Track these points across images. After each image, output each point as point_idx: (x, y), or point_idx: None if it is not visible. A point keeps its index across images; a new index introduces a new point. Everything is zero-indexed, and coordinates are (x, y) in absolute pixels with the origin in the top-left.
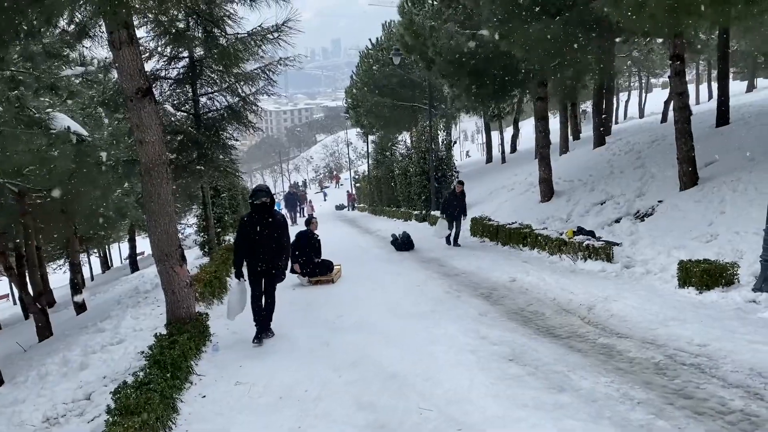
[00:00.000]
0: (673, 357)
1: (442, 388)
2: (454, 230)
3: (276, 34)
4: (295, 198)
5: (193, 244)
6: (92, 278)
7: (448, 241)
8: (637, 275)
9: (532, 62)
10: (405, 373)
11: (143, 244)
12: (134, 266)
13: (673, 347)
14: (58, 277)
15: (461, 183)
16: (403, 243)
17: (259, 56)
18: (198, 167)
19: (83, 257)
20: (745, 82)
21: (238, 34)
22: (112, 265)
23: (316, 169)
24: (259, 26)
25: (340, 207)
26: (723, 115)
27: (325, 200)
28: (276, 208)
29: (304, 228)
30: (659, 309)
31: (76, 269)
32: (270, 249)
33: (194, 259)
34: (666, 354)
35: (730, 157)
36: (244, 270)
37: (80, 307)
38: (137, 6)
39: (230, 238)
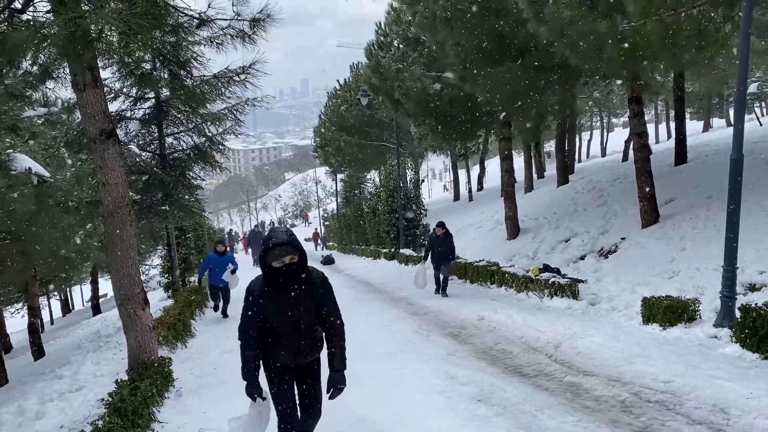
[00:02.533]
0: (638, 394)
1: (411, 431)
2: (441, 277)
3: (243, 76)
4: (260, 237)
5: (157, 285)
6: (52, 322)
7: (437, 291)
8: (602, 312)
9: (495, 104)
10: (374, 416)
11: (106, 286)
12: (96, 309)
13: (639, 384)
14: (15, 321)
15: (441, 225)
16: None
17: (226, 97)
18: (163, 207)
19: (43, 300)
20: (702, 122)
21: (204, 76)
22: (73, 308)
23: (285, 207)
24: (226, 68)
25: (327, 260)
26: (681, 154)
27: None
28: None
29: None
30: (624, 346)
31: (34, 313)
32: (309, 331)
33: (158, 301)
34: (632, 391)
35: (689, 194)
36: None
37: (38, 353)
38: (102, 48)
39: (194, 279)
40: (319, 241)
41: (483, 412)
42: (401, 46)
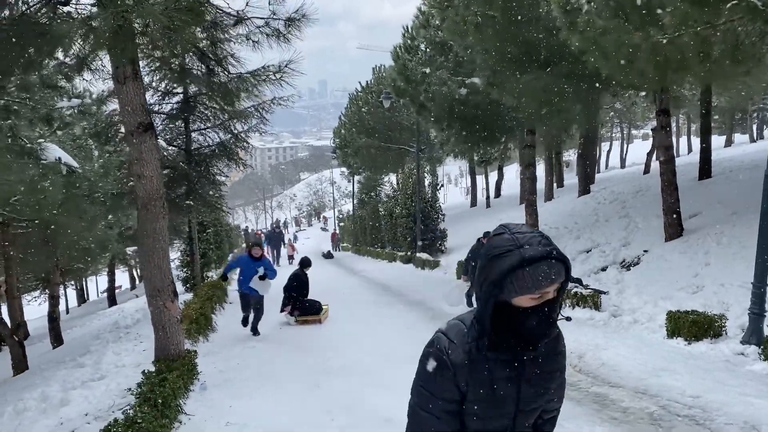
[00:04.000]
0: (666, 408)
1: None
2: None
3: (279, 75)
4: (280, 237)
5: (175, 279)
6: (67, 311)
7: (470, 303)
8: (625, 324)
9: (521, 111)
10: (401, 419)
11: (122, 277)
12: (112, 300)
13: (666, 398)
14: (31, 309)
15: (489, 235)
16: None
17: (254, 95)
18: (187, 202)
19: (60, 289)
20: (724, 137)
21: (241, 73)
22: (88, 298)
23: (300, 207)
24: (263, 66)
25: (328, 255)
26: (705, 169)
27: (294, 242)
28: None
29: (295, 268)
30: (649, 359)
31: (55, 301)
32: None
33: None
34: (659, 404)
35: (713, 209)
36: None
37: (56, 341)
38: (145, 43)
39: (213, 274)
40: (336, 241)
41: None
42: (428, 49)
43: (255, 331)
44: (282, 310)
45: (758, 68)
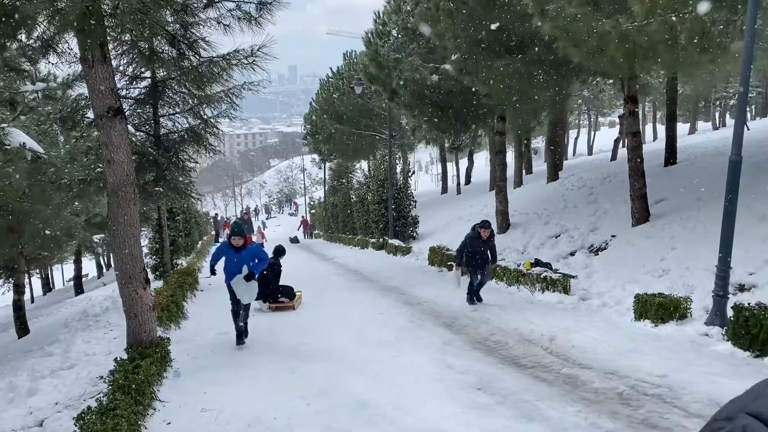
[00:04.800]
0: (635, 387)
1: (413, 417)
2: (476, 282)
3: (251, 59)
4: (249, 224)
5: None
6: (32, 300)
7: (471, 301)
8: (593, 307)
9: (493, 97)
10: (375, 402)
11: (89, 265)
12: (79, 289)
13: (635, 378)
14: None
15: (488, 225)
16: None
17: (225, 80)
18: (156, 189)
19: (25, 278)
20: (688, 125)
21: (213, 57)
22: (54, 287)
23: (270, 194)
24: (235, 50)
25: (294, 240)
26: (671, 155)
27: (263, 229)
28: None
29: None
30: (618, 341)
31: (19, 290)
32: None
33: None
34: (628, 384)
35: (679, 195)
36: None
37: (22, 330)
38: (114, 29)
39: (183, 261)
40: (307, 229)
41: (484, 401)
42: (400, 35)
43: (241, 337)
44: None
45: (724, 56)
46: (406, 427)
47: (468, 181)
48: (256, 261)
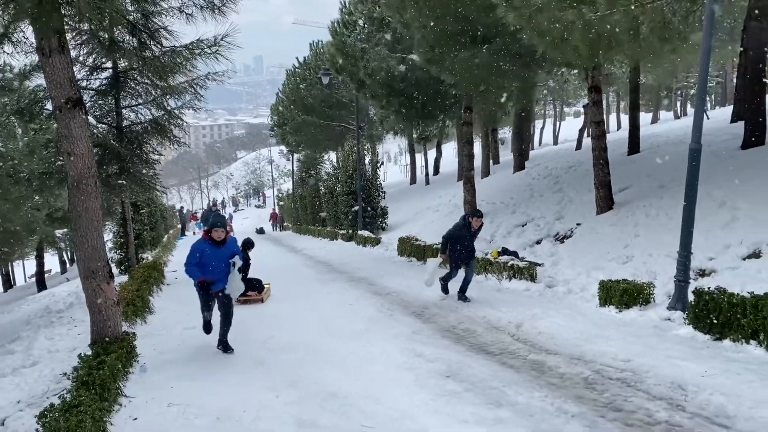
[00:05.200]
0: (600, 372)
1: (383, 406)
2: (464, 276)
3: (214, 48)
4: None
5: (109, 261)
6: None
7: (445, 290)
8: (559, 294)
9: (459, 88)
10: (345, 391)
11: (51, 261)
12: (41, 285)
13: (600, 363)
14: None
15: (480, 215)
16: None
17: (188, 70)
18: (119, 181)
19: None
20: (650, 114)
21: (174, 47)
22: (15, 283)
23: (237, 186)
24: (198, 39)
25: (260, 231)
26: (634, 144)
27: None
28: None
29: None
30: (583, 327)
31: None
32: None
33: None
34: (593, 369)
35: (642, 183)
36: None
37: None
38: (72, 17)
39: (148, 255)
40: (277, 221)
41: (452, 388)
42: (367, 25)
43: (226, 347)
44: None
45: (684, 46)
46: (376, 416)
47: (436, 171)
48: (236, 257)
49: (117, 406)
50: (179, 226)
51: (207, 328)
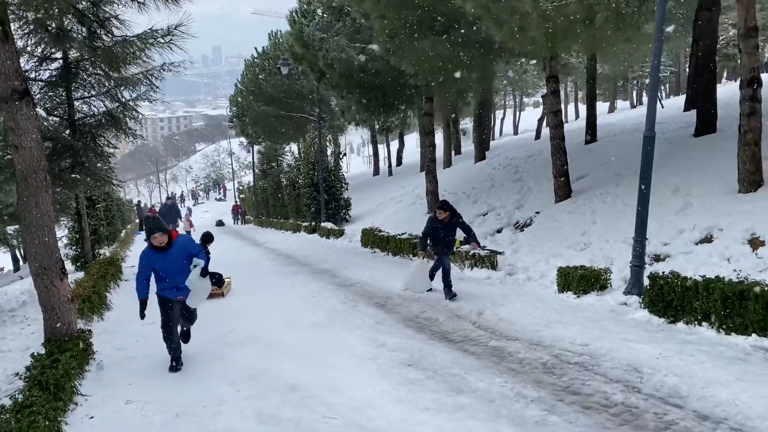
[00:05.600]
0: (559, 356)
1: (345, 397)
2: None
3: (168, 38)
4: (175, 211)
5: (64, 257)
6: None
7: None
8: (519, 281)
9: (419, 78)
10: (307, 384)
11: (3, 259)
12: None
13: (559, 347)
14: None
15: (445, 206)
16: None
17: (142, 60)
18: (73, 175)
19: None
20: (607, 104)
21: (126, 36)
22: None
23: (196, 179)
24: (150, 29)
25: (219, 223)
26: (591, 133)
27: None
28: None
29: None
30: (542, 312)
31: None
32: None
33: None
34: (552, 354)
35: (599, 171)
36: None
37: None
38: (18, 6)
39: (105, 251)
40: (242, 215)
41: (414, 376)
42: (325, 15)
43: (186, 337)
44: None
45: (638, 35)
46: (338, 407)
47: (399, 162)
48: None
49: (72, 405)
50: (137, 220)
51: (177, 359)
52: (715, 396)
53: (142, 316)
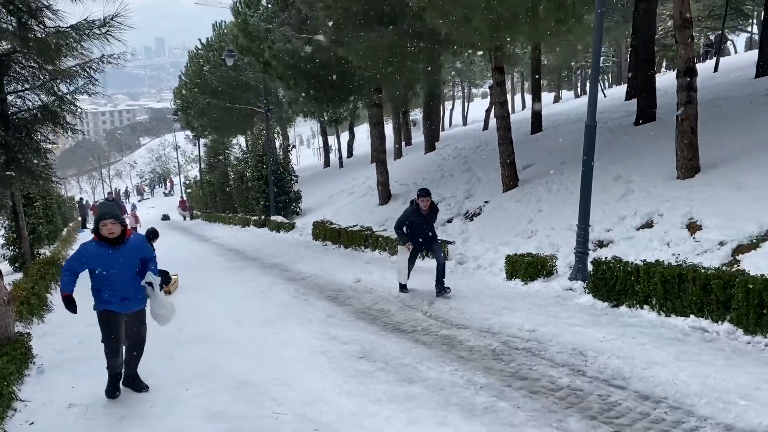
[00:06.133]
0: (507, 343)
1: (296, 392)
2: (436, 265)
3: (104, 29)
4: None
5: (0, 259)
6: None
7: (404, 288)
8: (470, 270)
9: (367, 69)
10: (257, 380)
11: None
12: None
13: (507, 334)
14: None
15: (426, 193)
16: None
17: (79, 52)
18: (8, 173)
19: None
20: (552, 94)
21: (59, 27)
22: None
23: (141, 174)
24: (85, 20)
25: (165, 217)
26: (537, 123)
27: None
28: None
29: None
30: (492, 300)
31: None
32: None
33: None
34: (501, 341)
35: (544, 160)
36: None
37: None
38: None
39: (46, 251)
40: (189, 211)
41: (366, 368)
42: (270, 5)
43: (137, 384)
44: None
45: (579, 26)
46: (288, 402)
47: (350, 153)
48: (147, 262)
49: (11, 411)
50: (80, 218)
51: (114, 386)
52: (655, 376)
53: (72, 310)
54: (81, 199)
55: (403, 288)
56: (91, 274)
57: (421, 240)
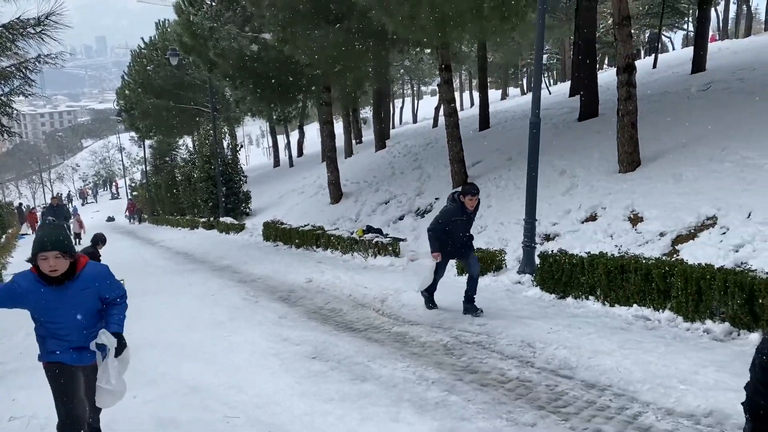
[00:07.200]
0: (458, 338)
1: (247, 395)
2: (467, 277)
3: (39, 28)
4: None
5: None
6: None
7: (430, 303)
8: (422, 267)
9: (315, 67)
10: (207, 384)
11: None
12: None
13: (458, 329)
14: None
15: (475, 191)
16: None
17: (13, 53)
18: None
19: None
20: (500, 91)
21: None
22: None
23: (84, 177)
24: (18, 18)
25: (110, 219)
26: (484, 120)
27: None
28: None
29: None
30: (443, 295)
31: None
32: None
33: None
34: (452, 336)
35: (492, 157)
36: None
37: None
38: None
39: None
40: (138, 214)
41: (318, 368)
42: (214, 3)
43: None
44: None
45: (523, 24)
46: (240, 406)
47: (300, 152)
48: (110, 306)
49: None
50: (17, 223)
51: None
52: (600, 365)
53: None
54: (20, 204)
55: (430, 303)
56: (32, 315)
57: (457, 246)
